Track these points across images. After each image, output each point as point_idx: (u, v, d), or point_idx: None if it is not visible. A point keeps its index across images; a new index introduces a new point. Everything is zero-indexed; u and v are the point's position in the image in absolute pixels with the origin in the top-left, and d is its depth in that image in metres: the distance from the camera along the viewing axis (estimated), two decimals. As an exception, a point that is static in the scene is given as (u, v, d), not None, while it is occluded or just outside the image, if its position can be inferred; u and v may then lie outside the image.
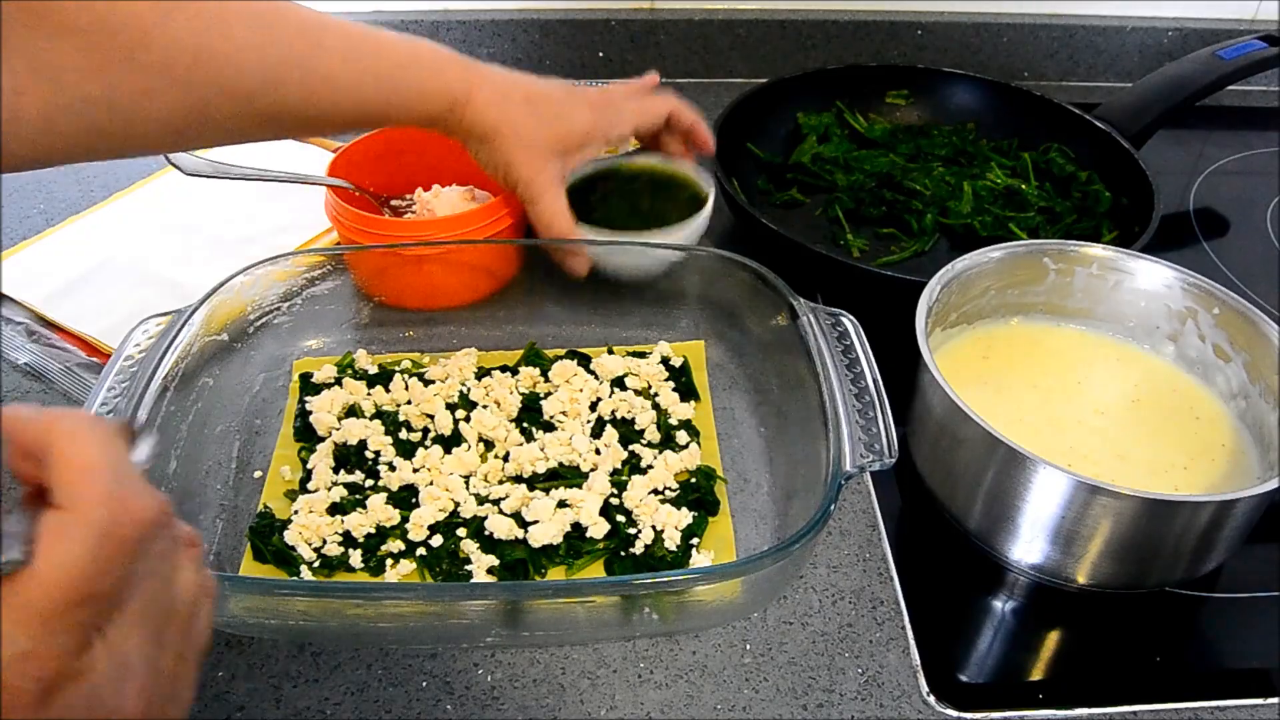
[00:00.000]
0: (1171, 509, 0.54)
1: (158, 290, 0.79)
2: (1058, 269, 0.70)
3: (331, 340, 0.76)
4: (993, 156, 0.96)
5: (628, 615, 0.55)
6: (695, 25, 1.14)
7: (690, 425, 0.69)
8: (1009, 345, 0.71)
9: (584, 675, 0.55)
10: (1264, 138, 1.11)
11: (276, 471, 0.66)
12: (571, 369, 0.71)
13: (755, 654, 0.57)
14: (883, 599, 0.60)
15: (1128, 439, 0.63)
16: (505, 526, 0.60)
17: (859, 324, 0.63)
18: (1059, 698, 0.55)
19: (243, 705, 0.53)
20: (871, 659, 0.57)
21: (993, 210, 0.89)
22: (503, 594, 0.54)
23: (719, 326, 0.76)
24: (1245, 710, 0.55)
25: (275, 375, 0.73)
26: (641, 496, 0.62)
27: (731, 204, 0.84)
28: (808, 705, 0.54)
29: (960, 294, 0.68)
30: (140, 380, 0.59)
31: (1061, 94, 1.01)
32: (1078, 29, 1.17)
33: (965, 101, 1.02)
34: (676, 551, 0.60)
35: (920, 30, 1.15)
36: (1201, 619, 0.61)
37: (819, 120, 1.00)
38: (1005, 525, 0.59)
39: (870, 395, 0.58)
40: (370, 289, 0.76)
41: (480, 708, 0.54)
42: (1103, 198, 0.90)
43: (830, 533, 0.64)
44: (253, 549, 0.60)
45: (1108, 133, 0.92)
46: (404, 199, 0.84)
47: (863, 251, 0.88)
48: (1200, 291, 0.67)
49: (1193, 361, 0.68)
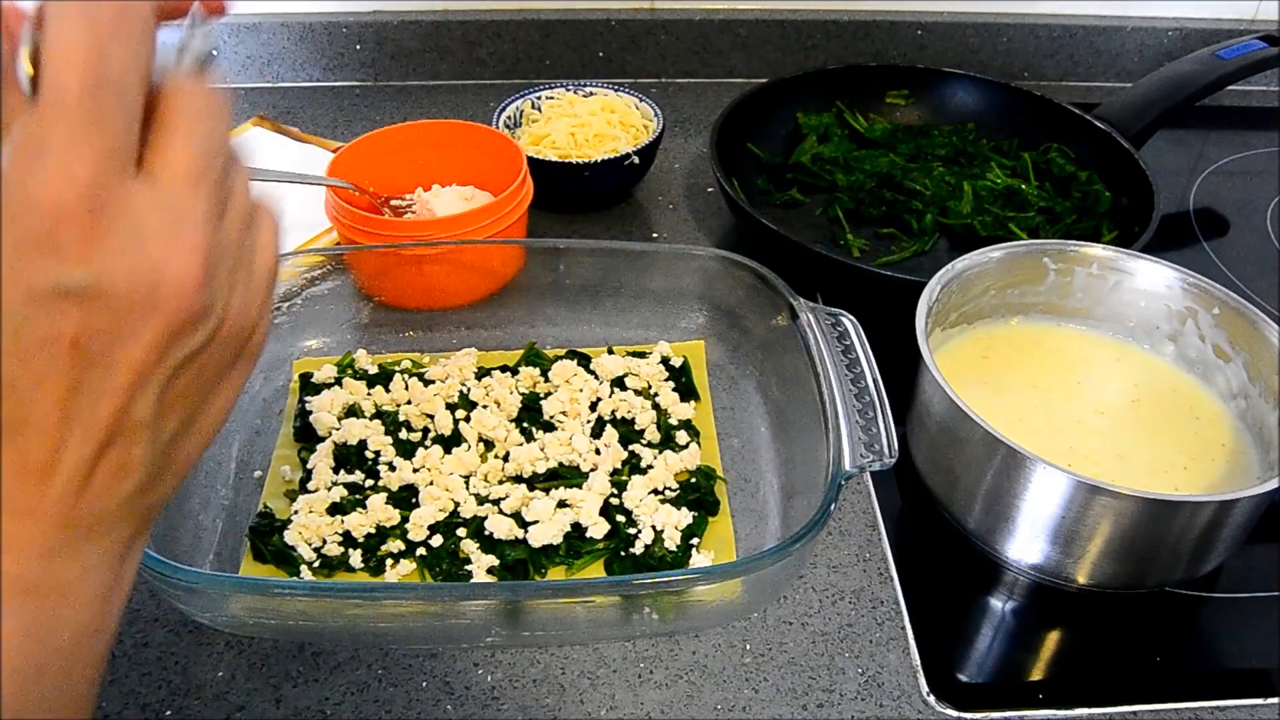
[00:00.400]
0: (1171, 509, 0.54)
1: (158, 290, 0.79)
2: (1058, 269, 0.70)
3: (331, 340, 0.76)
4: (993, 156, 0.96)
5: (628, 615, 0.55)
6: (695, 25, 1.14)
7: (690, 425, 0.69)
8: (1009, 345, 0.71)
9: (584, 675, 0.55)
10: (1264, 138, 1.11)
11: (276, 471, 0.66)
12: (571, 369, 0.71)
13: (755, 654, 0.57)
14: (883, 599, 0.60)
15: (1128, 439, 0.64)
16: (505, 526, 0.60)
17: (859, 324, 0.63)
18: (1059, 698, 0.55)
19: (243, 705, 0.53)
20: (871, 659, 0.57)
21: (993, 210, 0.89)
22: (503, 594, 0.54)
23: (719, 326, 0.76)
24: (1245, 710, 0.55)
25: (275, 375, 0.73)
26: (641, 496, 0.62)
27: (731, 204, 0.84)
28: (808, 705, 0.54)
29: (960, 294, 0.68)
30: (140, 380, 0.59)
31: (1061, 94, 1.01)
32: (1078, 29, 1.17)
33: (965, 101, 1.02)
34: (676, 551, 0.60)
35: (920, 30, 1.15)
36: (1201, 619, 0.61)
37: (819, 120, 1.00)
38: (1005, 525, 0.59)
39: (870, 395, 0.58)
40: (370, 289, 0.76)
41: (480, 708, 0.54)
42: (1103, 198, 0.90)
43: (830, 533, 0.64)
44: (253, 549, 0.60)
45: (1108, 133, 0.92)
46: (404, 199, 0.84)
47: (863, 251, 0.88)
48: (1200, 291, 0.67)
49: (1193, 361, 0.68)
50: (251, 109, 1.08)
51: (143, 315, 0.27)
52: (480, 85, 1.15)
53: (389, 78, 1.14)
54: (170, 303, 0.28)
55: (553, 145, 0.92)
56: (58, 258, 0.26)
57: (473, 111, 1.09)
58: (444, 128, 0.86)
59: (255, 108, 1.08)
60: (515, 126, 0.95)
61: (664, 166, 1.00)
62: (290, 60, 1.12)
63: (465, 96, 1.12)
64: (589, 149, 0.92)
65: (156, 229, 0.27)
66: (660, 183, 0.98)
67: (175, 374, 0.30)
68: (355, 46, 1.12)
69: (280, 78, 1.13)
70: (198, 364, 0.30)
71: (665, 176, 0.99)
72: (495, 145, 0.84)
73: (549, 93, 0.97)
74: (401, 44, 1.12)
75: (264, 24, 1.10)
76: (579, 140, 0.92)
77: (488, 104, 1.05)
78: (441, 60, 1.14)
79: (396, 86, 1.14)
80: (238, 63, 1.12)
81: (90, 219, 0.26)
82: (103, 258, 0.26)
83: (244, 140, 1.00)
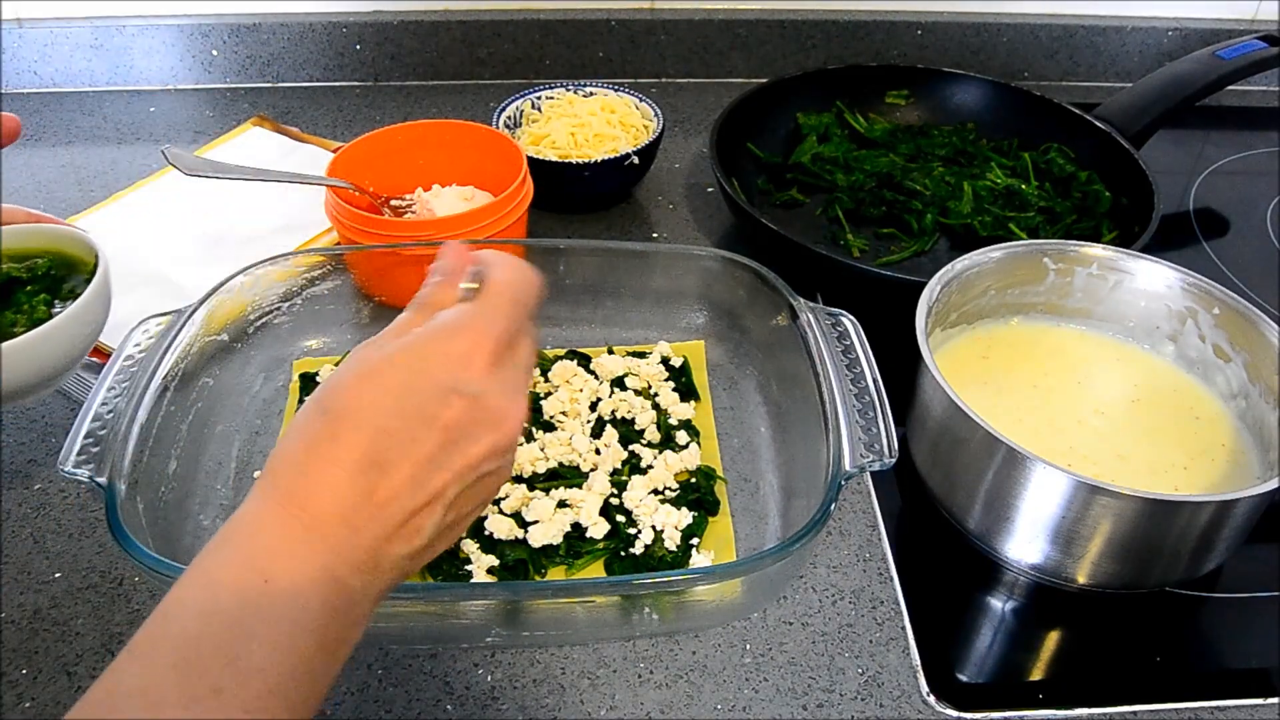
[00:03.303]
0: (1171, 509, 0.54)
1: (158, 290, 0.79)
2: (1058, 269, 0.70)
3: (331, 340, 0.76)
4: (993, 156, 0.96)
5: (628, 615, 0.55)
6: (695, 25, 1.14)
7: (690, 425, 0.69)
8: (1009, 345, 0.71)
9: (584, 675, 0.55)
10: (1264, 138, 1.11)
11: (276, 471, 0.66)
12: (571, 369, 0.71)
13: (755, 654, 0.57)
14: (883, 599, 0.60)
15: (1128, 439, 0.63)
16: (505, 526, 0.60)
17: (859, 324, 0.63)
18: (1059, 698, 0.55)
19: (243, 705, 0.53)
20: (871, 659, 0.57)
21: (993, 210, 0.89)
22: (503, 594, 0.54)
23: (719, 326, 0.76)
24: (1245, 710, 0.55)
25: (275, 375, 0.73)
26: (641, 496, 0.62)
27: (731, 204, 0.84)
28: (808, 705, 0.54)
29: (960, 294, 0.68)
30: (140, 380, 0.59)
31: (1061, 94, 1.01)
32: (1078, 29, 1.17)
33: (965, 101, 1.02)
34: (676, 551, 0.60)
35: (920, 30, 1.15)
36: (1201, 619, 0.61)
37: (819, 120, 1.00)
38: (1005, 525, 0.59)
39: (870, 395, 0.58)
40: (370, 289, 0.76)
41: (480, 708, 0.54)
42: (1103, 198, 0.90)
43: (830, 533, 0.64)
44: (253, 549, 0.60)
45: (1108, 133, 0.92)
46: (404, 199, 0.84)
47: (863, 251, 0.88)
48: (1200, 291, 0.67)
49: (1193, 361, 0.68)
50: (251, 109, 1.08)
51: (489, 428, 0.40)
52: (480, 85, 1.15)
53: (389, 78, 1.14)
54: (505, 428, 0.41)
55: (553, 145, 0.92)
56: (468, 371, 0.40)
57: (473, 111, 1.09)
58: (444, 128, 0.85)
59: (255, 108, 1.08)
60: (515, 126, 0.95)
61: (664, 166, 1.00)
62: (290, 60, 1.12)
63: (465, 96, 1.12)
64: (589, 149, 0.92)
65: (511, 385, 0.42)
66: (660, 183, 0.98)
67: (476, 480, 0.41)
68: (355, 46, 1.12)
69: (280, 78, 1.13)
70: (486, 481, 0.42)
71: (665, 176, 0.99)
72: (495, 145, 0.84)
73: (549, 93, 0.97)
74: (401, 44, 1.12)
75: (264, 24, 1.10)
76: (579, 140, 0.92)
77: (488, 104, 1.05)
78: (441, 60, 1.14)
79: (396, 86, 1.14)
80: (238, 63, 1.12)
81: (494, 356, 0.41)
82: (489, 383, 0.41)
83: (245, 140, 1.00)
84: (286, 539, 0.37)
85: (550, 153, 0.91)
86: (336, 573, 0.37)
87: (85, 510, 0.64)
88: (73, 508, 0.64)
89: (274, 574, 0.36)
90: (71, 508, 0.64)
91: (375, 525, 0.38)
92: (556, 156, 0.91)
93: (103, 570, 0.60)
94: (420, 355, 0.40)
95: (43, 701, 0.53)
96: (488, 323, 0.42)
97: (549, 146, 0.92)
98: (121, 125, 1.06)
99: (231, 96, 1.11)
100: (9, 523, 0.63)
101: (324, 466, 0.38)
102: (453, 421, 0.39)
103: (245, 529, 0.38)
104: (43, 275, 0.64)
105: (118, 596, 0.59)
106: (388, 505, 0.38)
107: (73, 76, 1.11)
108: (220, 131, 1.03)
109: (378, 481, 0.38)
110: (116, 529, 0.50)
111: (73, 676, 0.54)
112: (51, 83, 1.11)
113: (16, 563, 0.61)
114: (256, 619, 0.35)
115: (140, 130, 1.05)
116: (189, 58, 1.11)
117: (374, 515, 0.38)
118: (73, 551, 0.61)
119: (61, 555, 0.61)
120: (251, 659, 0.35)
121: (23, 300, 0.63)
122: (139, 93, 1.11)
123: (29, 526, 0.63)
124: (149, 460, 0.57)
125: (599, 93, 0.97)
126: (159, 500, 0.58)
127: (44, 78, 1.11)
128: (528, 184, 0.80)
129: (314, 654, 0.37)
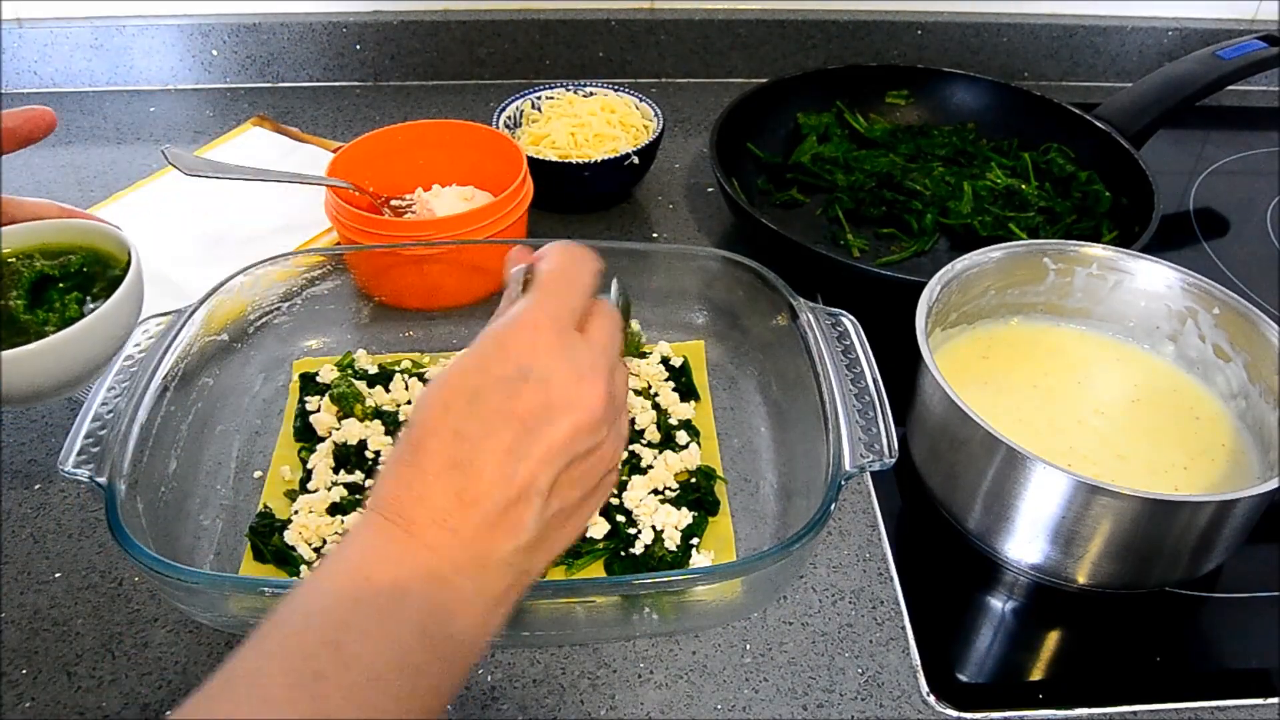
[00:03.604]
0: (1171, 509, 0.54)
1: (158, 290, 0.79)
2: (1058, 269, 0.70)
3: (331, 340, 0.76)
4: (993, 156, 0.96)
5: (628, 615, 0.55)
6: (695, 25, 1.14)
7: (690, 425, 0.69)
8: (1009, 345, 0.71)
9: (584, 675, 0.55)
10: (1264, 138, 1.11)
11: (276, 471, 0.66)
12: (571, 369, 0.71)
13: (755, 654, 0.57)
14: (883, 599, 0.60)
15: (1128, 439, 0.63)
16: (505, 526, 0.60)
17: (859, 324, 0.63)
18: (1059, 698, 0.55)
19: (243, 705, 0.53)
20: (871, 659, 0.57)
21: (993, 210, 0.89)
22: (503, 594, 0.54)
23: (719, 326, 0.76)
24: (1245, 710, 0.55)
25: (275, 375, 0.73)
26: (641, 496, 0.62)
27: (731, 204, 0.84)
28: (808, 705, 0.54)
29: (960, 294, 0.68)
30: (140, 380, 0.59)
31: (1061, 94, 1.01)
32: (1078, 29, 1.17)
33: (965, 101, 1.02)
34: (676, 551, 0.60)
35: (920, 30, 1.15)
36: (1201, 619, 0.61)
37: (819, 120, 1.00)
38: (1005, 525, 0.59)
39: (870, 395, 0.58)
40: (370, 289, 0.76)
41: (480, 708, 0.54)
42: (1103, 198, 0.90)
43: (830, 533, 0.64)
44: (253, 549, 0.60)
45: (1108, 133, 0.92)
46: (404, 199, 0.84)
47: (863, 251, 0.88)
48: (1200, 291, 0.67)
49: (1193, 361, 0.68)
50: (251, 109, 1.08)
51: (564, 410, 0.40)
52: (480, 85, 1.15)
53: (389, 78, 1.14)
54: (583, 407, 0.41)
55: (553, 145, 0.92)
56: (532, 355, 0.41)
57: (473, 111, 1.09)
58: (444, 128, 0.85)
59: (255, 108, 1.08)
60: (515, 126, 0.95)
61: (664, 166, 1.00)
62: (290, 60, 1.12)
63: (465, 96, 1.12)
64: (589, 149, 0.92)
65: (584, 363, 0.42)
66: (660, 183, 0.98)
67: (569, 465, 0.41)
68: (355, 46, 1.12)
69: (280, 78, 1.13)
70: (583, 465, 0.42)
71: (665, 176, 0.99)
72: (495, 145, 0.84)
73: (549, 93, 0.97)
74: (401, 44, 1.12)
75: (264, 24, 1.10)
76: (579, 140, 0.92)
77: (488, 104, 1.05)
78: (441, 60, 1.14)
79: (396, 86, 1.14)
80: (237, 63, 1.12)
81: (555, 339, 0.41)
82: (556, 364, 0.41)
83: (245, 140, 1.00)
84: (389, 544, 0.39)
85: (550, 153, 0.91)
86: (439, 571, 0.39)
87: (85, 510, 0.64)
88: (73, 508, 0.64)
89: (374, 573, 0.38)
90: (71, 508, 0.64)
91: (470, 524, 0.39)
92: (556, 156, 0.91)
93: (103, 570, 0.60)
94: (483, 355, 0.41)
95: (43, 701, 0.53)
96: (541, 309, 0.42)
97: (549, 146, 0.92)
98: (121, 125, 1.06)
99: (231, 96, 1.11)
100: (9, 523, 0.63)
101: (414, 476, 0.40)
102: (525, 410, 0.40)
103: (351, 542, 0.40)
104: (75, 272, 0.64)
105: (118, 596, 0.59)
106: (479, 503, 0.39)
107: (73, 76, 1.11)
108: (220, 131, 1.03)
109: (463, 482, 0.39)
110: (116, 529, 0.50)
111: (73, 676, 0.54)
112: (51, 83, 1.11)
113: (16, 563, 0.61)
114: (355, 611, 0.37)
115: (140, 130, 1.05)
116: (189, 58, 1.11)
117: (467, 515, 0.39)
118: (73, 551, 0.61)
119: (61, 555, 0.61)
120: (350, 646, 0.36)
121: (55, 298, 0.63)
122: (139, 93, 1.11)
123: (29, 526, 0.63)
124: (149, 460, 0.57)
125: (599, 93, 0.97)
126: (159, 500, 0.58)
127: (44, 78, 1.11)
128: (528, 184, 0.80)
129: (415, 647, 0.37)
